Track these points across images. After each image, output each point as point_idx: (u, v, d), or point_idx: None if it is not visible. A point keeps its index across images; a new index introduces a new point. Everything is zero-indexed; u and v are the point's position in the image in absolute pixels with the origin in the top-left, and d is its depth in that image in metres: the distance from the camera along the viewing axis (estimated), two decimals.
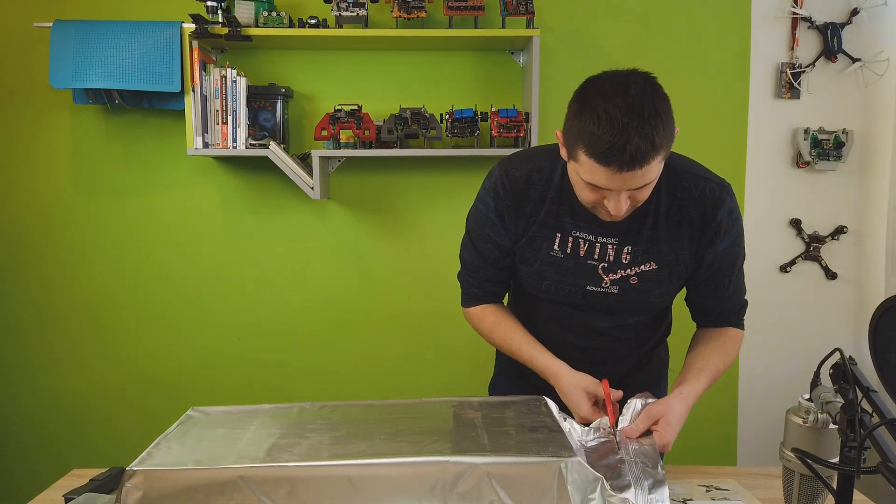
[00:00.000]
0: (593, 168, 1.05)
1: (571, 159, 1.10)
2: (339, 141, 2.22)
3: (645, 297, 1.25)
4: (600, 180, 1.06)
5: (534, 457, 0.89)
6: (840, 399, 0.96)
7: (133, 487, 0.84)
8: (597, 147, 1.02)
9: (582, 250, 1.23)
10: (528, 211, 1.24)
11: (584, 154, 1.05)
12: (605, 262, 1.23)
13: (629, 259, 1.22)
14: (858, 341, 2.51)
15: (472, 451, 0.90)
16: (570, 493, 0.87)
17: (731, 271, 1.31)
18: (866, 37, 2.39)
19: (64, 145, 2.36)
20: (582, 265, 1.24)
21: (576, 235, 1.23)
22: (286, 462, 0.86)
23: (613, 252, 1.22)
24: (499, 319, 1.35)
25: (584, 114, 1.05)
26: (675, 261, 1.24)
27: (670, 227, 1.22)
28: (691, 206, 1.21)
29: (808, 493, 1.03)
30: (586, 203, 1.15)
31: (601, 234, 1.22)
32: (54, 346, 2.42)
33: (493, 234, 1.28)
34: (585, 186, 1.10)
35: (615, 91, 1.04)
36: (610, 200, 1.09)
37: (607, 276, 1.23)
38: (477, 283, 1.36)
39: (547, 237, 1.24)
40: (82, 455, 2.44)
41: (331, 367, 2.46)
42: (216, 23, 2.12)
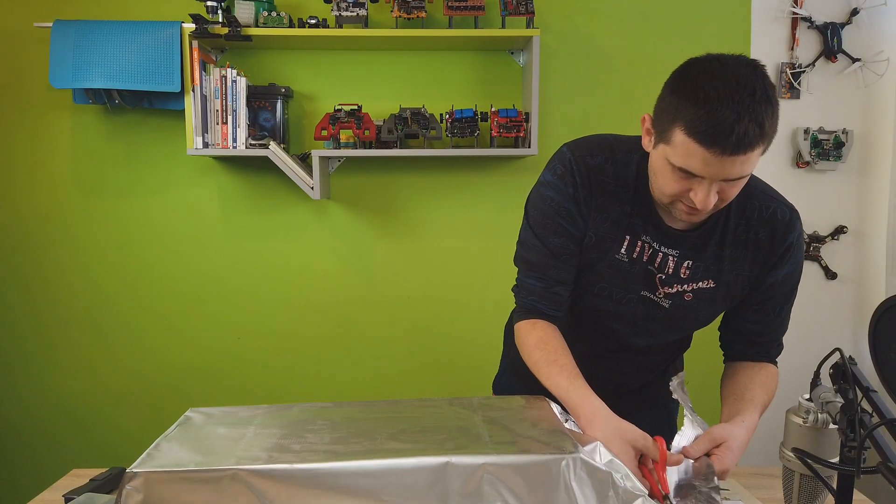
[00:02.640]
0: (690, 149, 0.95)
1: (662, 143, 1.01)
2: (339, 141, 2.22)
3: (694, 315, 1.19)
4: (695, 164, 0.96)
5: (536, 454, 0.89)
6: (840, 399, 0.96)
7: (133, 489, 0.84)
8: (700, 125, 0.93)
9: (646, 256, 1.15)
10: (600, 205, 1.13)
11: (682, 133, 0.96)
12: (664, 274, 1.15)
13: (688, 274, 1.15)
14: (858, 341, 2.51)
15: (474, 450, 0.90)
16: (575, 491, 0.87)
17: (787, 300, 1.23)
18: (866, 37, 2.39)
19: (64, 145, 2.36)
20: (644, 271, 1.15)
21: (644, 240, 1.14)
22: (287, 463, 0.86)
23: (673, 265, 1.15)
24: (548, 337, 1.16)
25: (686, 91, 0.96)
26: (734, 281, 1.17)
27: (736, 245, 1.15)
28: (761, 226, 1.15)
29: (808, 493, 1.03)
30: (667, 195, 1.04)
31: (665, 244, 1.14)
32: (54, 345, 2.42)
33: (568, 224, 1.14)
34: (673, 174, 1.01)
35: (724, 70, 0.95)
36: (698, 192, 0.99)
37: (663, 288, 1.16)
38: (541, 291, 1.18)
39: (617, 238, 1.14)
40: (82, 455, 2.44)
41: (331, 367, 2.46)
42: (216, 23, 2.12)
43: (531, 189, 1.22)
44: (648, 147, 1.08)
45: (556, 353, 1.13)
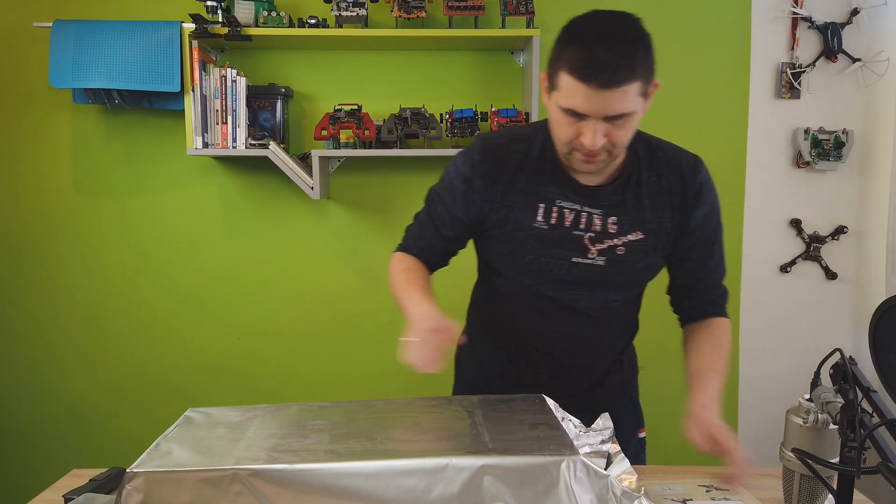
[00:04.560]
0: (571, 88, 1.05)
1: (553, 89, 1.10)
2: (339, 141, 2.22)
3: (631, 269, 1.23)
4: (578, 102, 1.05)
5: (536, 456, 0.89)
6: (840, 399, 0.96)
7: (133, 489, 0.84)
8: (576, 62, 1.03)
9: (568, 220, 1.20)
10: (505, 178, 1.22)
11: (565, 74, 1.05)
12: (592, 233, 1.20)
13: (616, 229, 1.21)
14: (858, 341, 2.51)
15: (474, 451, 0.90)
16: (575, 493, 0.87)
17: (714, 240, 1.29)
18: (866, 37, 2.39)
19: (64, 145, 2.36)
20: (567, 235, 1.20)
21: (560, 205, 1.21)
22: (287, 463, 0.86)
23: (600, 222, 1.20)
24: (415, 268, 1.29)
25: (567, 37, 1.07)
26: (659, 230, 1.23)
27: (652, 195, 1.22)
28: (670, 173, 1.23)
29: (808, 493, 1.03)
30: (563, 143, 1.13)
31: (587, 204, 1.20)
32: (54, 345, 2.42)
33: (450, 200, 1.26)
34: (564, 119, 1.09)
35: (600, 17, 1.07)
36: (586, 132, 1.08)
37: (594, 247, 1.21)
38: (415, 239, 1.34)
39: (529, 207, 1.21)
40: (82, 455, 2.44)
41: (331, 367, 2.46)
42: (216, 23, 2.12)
43: None
44: (548, 103, 1.15)
45: (416, 278, 1.26)
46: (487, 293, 1.38)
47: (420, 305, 1.18)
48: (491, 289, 1.35)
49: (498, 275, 1.30)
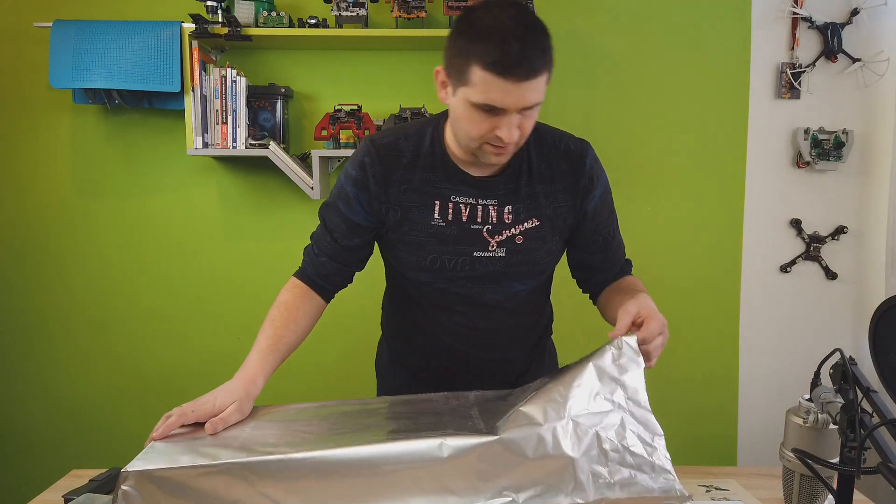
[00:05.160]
0: (489, 83, 1.02)
1: (461, 86, 1.07)
2: (339, 141, 2.22)
3: (532, 257, 1.23)
4: (495, 96, 1.03)
5: (528, 427, 0.90)
6: (840, 399, 0.96)
7: (128, 489, 0.83)
8: (492, 56, 1.01)
9: (464, 215, 1.20)
10: (398, 178, 1.20)
11: (478, 69, 1.03)
12: (489, 225, 1.20)
13: (511, 218, 1.21)
14: (858, 341, 2.51)
15: (469, 433, 0.90)
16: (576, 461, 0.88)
17: (612, 221, 1.32)
18: (866, 37, 2.39)
19: (64, 145, 2.36)
20: (466, 230, 1.20)
21: (455, 201, 1.19)
22: (283, 454, 0.86)
23: (496, 213, 1.20)
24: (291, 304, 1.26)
25: (473, 32, 1.04)
26: (555, 215, 1.23)
27: (544, 181, 1.22)
28: (559, 158, 1.24)
29: (808, 493, 1.03)
30: (474, 138, 1.10)
31: (480, 197, 1.20)
32: (54, 345, 2.42)
33: (344, 206, 1.23)
34: (477, 114, 1.07)
35: (499, 9, 1.04)
36: (503, 127, 1.07)
37: (493, 239, 1.20)
38: (313, 257, 1.28)
39: (425, 206, 1.20)
40: (82, 455, 2.44)
41: (331, 367, 2.46)
42: (216, 23, 2.12)
43: None
44: (446, 98, 1.13)
45: (282, 321, 1.24)
46: (397, 297, 1.37)
47: (236, 379, 1.15)
48: (400, 292, 1.34)
49: (404, 277, 1.28)
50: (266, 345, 1.20)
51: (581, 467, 0.89)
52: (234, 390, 1.10)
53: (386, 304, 1.46)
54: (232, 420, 1.03)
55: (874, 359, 1.00)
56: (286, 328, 1.23)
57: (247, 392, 1.11)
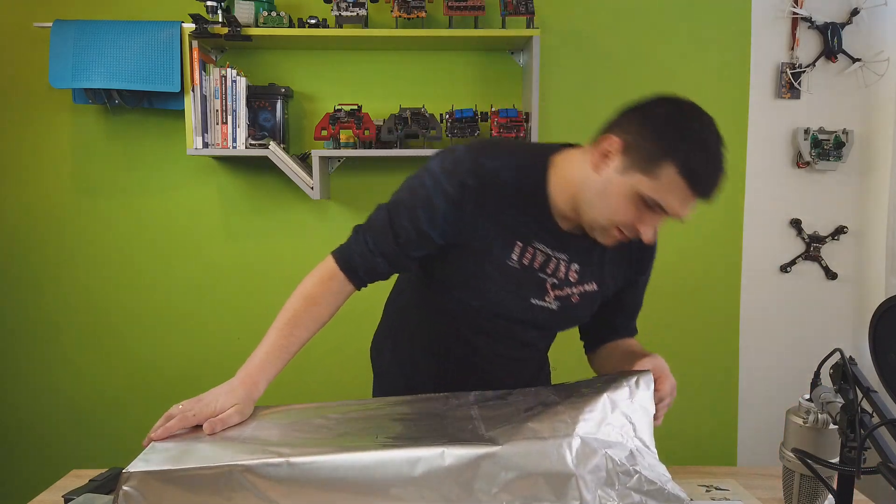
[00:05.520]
0: (676, 188, 1.00)
1: (639, 173, 1.01)
2: (339, 141, 2.22)
3: (577, 315, 1.23)
4: (673, 203, 1.01)
5: (534, 441, 0.89)
6: (840, 399, 0.96)
7: (129, 490, 0.83)
8: (694, 167, 0.99)
9: (537, 262, 1.16)
10: (492, 210, 1.12)
11: (673, 171, 0.99)
12: (555, 279, 1.17)
13: (576, 278, 1.18)
14: (858, 341, 2.51)
15: (471, 441, 0.90)
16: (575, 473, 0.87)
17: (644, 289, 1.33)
18: (866, 37, 2.39)
19: (64, 145, 2.36)
20: (533, 277, 1.16)
21: (535, 246, 1.15)
22: (284, 457, 0.86)
23: (564, 268, 1.17)
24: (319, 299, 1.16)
25: (681, 131, 1.02)
26: (612, 284, 1.23)
27: (614, 250, 1.20)
28: None
29: (808, 493, 1.03)
30: (614, 222, 1.06)
31: (557, 249, 1.16)
32: (54, 345, 2.42)
33: (425, 216, 1.11)
34: (633, 204, 1.03)
35: (706, 119, 1.05)
36: (647, 224, 1.05)
37: (553, 292, 1.18)
38: (365, 252, 1.16)
39: (508, 245, 1.14)
40: (82, 455, 2.44)
41: (330, 367, 2.46)
42: (216, 23, 2.12)
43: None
44: (604, 170, 1.06)
45: (301, 317, 1.15)
46: (424, 307, 1.30)
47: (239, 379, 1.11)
48: (430, 303, 1.28)
49: (446, 293, 1.23)
50: (277, 344, 1.14)
51: (587, 485, 0.87)
52: (236, 392, 1.07)
53: (402, 307, 1.40)
54: (231, 422, 1.02)
55: (874, 359, 1.00)
56: (304, 326, 1.15)
57: (248, 395, 1.08)
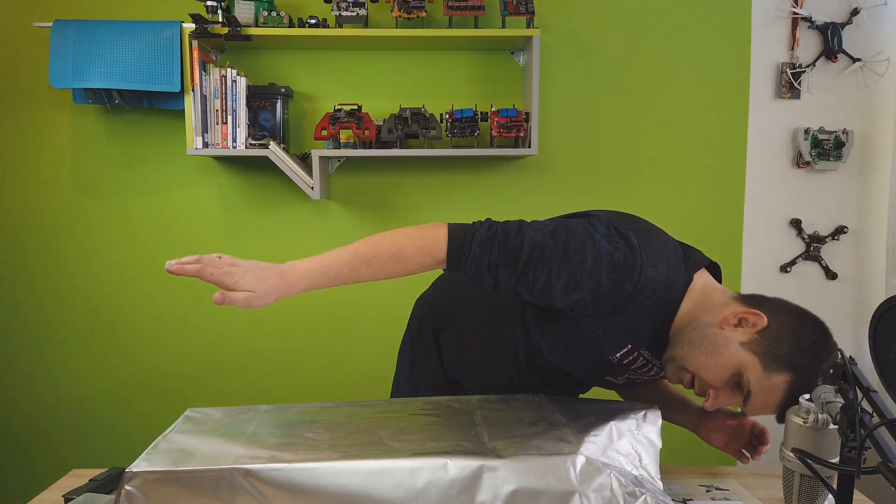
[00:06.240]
0: (774, 397, 1.01)
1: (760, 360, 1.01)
2: (339, 141, 2.22)
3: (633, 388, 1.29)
4: (760, 404, 1.02)
5: (536, 455, 0.88)
6: (840, 399, 0.96)
7: (132, 490, 0.84)
8: (797, 392, 1.01)
9: (636, 365, 1.14)
10: (628, 312, 1.05)
11: (784, 384, 1.01)
12: (640, 376, 1.19)
13: (653, 374, 1.20)
14: (858, 341, 2.51)
15: (473, 451, 0.89)
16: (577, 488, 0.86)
17: None
18: (866, 37, 2.39)
19: (64, 145, 2.36)
20: (623, 368, 1.15)
21: (642, 353, 1.12)
22: (286, 462, 0.86)
23: (654, 373, 1.18)
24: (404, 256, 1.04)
25: (815, 364, 1.02)
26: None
27: None
28: None
29: (808, 493, 1.03)
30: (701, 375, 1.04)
31: (658, 356, 1.13)
32: (54, 345, 2.42)
33: (563, 284, 1.02)
34: (730, 377, 1.02)
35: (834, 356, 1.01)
36: (720, 399, 1.04)
37: (626, 376, 1.18)
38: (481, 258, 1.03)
39: (620, 343, 1.09)
40: (82, 455, 2.44)
41: (331, 368, 2.46)
42: (216, 23, 2.12)
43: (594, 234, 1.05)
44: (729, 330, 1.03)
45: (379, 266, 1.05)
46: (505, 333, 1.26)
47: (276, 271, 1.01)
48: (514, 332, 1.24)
49: (533, 332, 1.20)
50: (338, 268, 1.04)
51: (590, 503, 0.87)
52: (264, 281, 0.98)
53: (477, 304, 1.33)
54: (237, 305, 0.96)
55: (874, 359, 1.00)
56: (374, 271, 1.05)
57: (274, 289, 0.99)
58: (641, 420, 1.03)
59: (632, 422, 1.02)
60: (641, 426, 1.02)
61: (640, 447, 0.99)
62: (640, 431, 1.01)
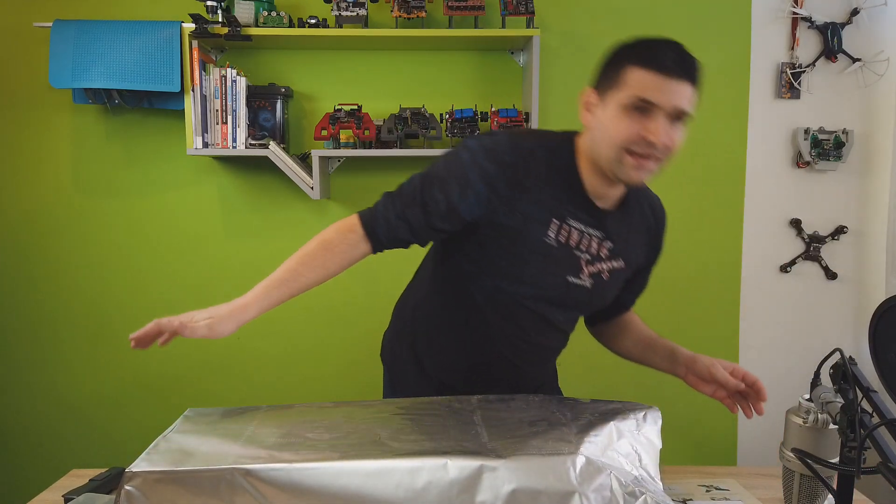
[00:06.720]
0: (643, 79, 1.06)
1: (611, 91, 1.10)
2: (339, 141, 2.22)
3: (606, 294, 1.27)
4: (650, 92, 1.06)
5: (536, 455, 0.88)
6: (840, 399, 0.96)
7: (132, 490, 0.83)
8: (648, 55, 1.07)
9: (573, 240, 1.18)
10: (531, 186, 1.14)
11: (634, 69, 1.07)
12: (588, 255, 1.20)
13: (607, 255, 1.22)
14: (858, 341, 2.51)
15: (472, 451, 0.89)
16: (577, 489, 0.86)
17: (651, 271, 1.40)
18: (866, 37, 2.39)
19: (64, 145, 2.36)
20: (570, 255, 1.19)
21: (571, 224, 1.17)
22: (286, 462, 0.86)
23: (596, 245, 1.21)
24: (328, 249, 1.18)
25: (630, 45, 1.11)
26: (633, 262, 1.28)
27: (638, 230, 1.27)
28: (650, 211, 1.30)
29: (808, 493, 1.03)
30: (620, 143, 1.09)
31: (591, 226, 1.19)
32: (54, 345, 2.42)
33: (457, 189, 1.13)
34: (627, 117, 1.08)
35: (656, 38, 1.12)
36: (653, 126, 1.07)
37: (587, 269, 1.21)
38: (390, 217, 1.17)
39: (544, 222, 1.16)
40: (82, 455, 2.44)
41: (331, 368, 2.46)
42: (216, 22, 2.12)
43: None
44: (590, 119, 1.16)
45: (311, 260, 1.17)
46: (455, 297, 1.28)
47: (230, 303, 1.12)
48: (460, 294, 1.26)
49: (475, 283, 1.23)
50: (280, 277, 1.15)
51: (590, 503, 0.86)
52: (220, 309, 1.09)
53: (420, 300, 1.38)
54: (197, 333, 1.04)
55: (874, 359, 1.00)
56: (311, 268, 1.17)
57: (230, 314, 1.08)
58: (641, 420, 1.03)
59: (632, 422, 1.02)
60: (641, 426, 1.02)
61: (640, 447, 0.99)
62: (640, 431, 1.01)
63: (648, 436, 1.01)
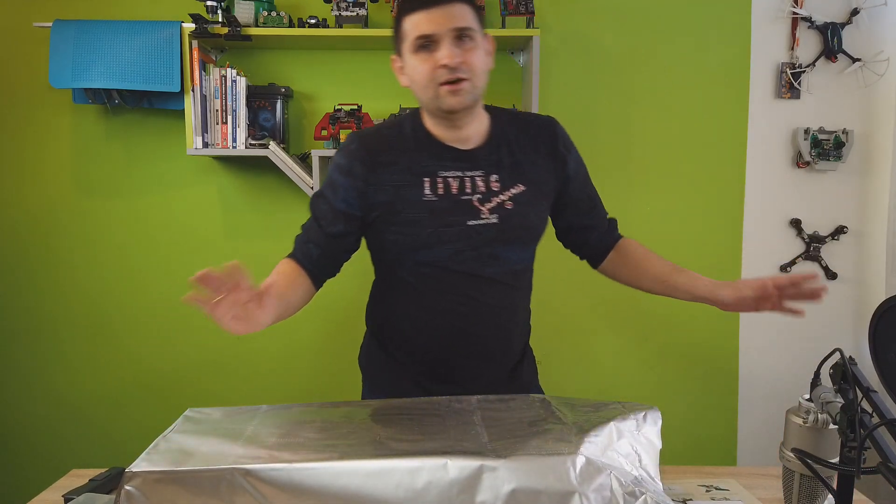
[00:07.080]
0: (413, 22, 1.20)
1: (402, 45, 1.24)
2: (339, 141, 2.22)
3: (523, 221, 1.30)
4: (424, 27, 1.18)
5: (535, 455, 0.88)
6: (840, 399, 0.96)
7: (132, 490, 0.83)
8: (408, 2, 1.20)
9: (454, 188, 1.27)
10: (385, 160, 1.27)
11: (405, 19, 1.21)
12: (479, 194, 1.27)
13: (499, 186, 1.28)
14: (858, 341, 2.51)
15: (473, 451, 0.89)
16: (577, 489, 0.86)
17: (589, 180, 1.45)
18: (866, 37, 2.39)
19: (64, 145, 2.36)
20: (457, 202, 1.26)
21: (444, 175, 1.27)
22: (286, 462, 0.86)
23: (483, 183, 1.28)
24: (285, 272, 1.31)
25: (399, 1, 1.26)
26: (539, 180, 1.33)
27: (524, 150, 1.33)
28: (534, 129, 1.36)
29: (808, 493, 1.03)
30: (428, 83, 1.21)
31: (467, 169, 1.28)
32: (54, 345, 2.42)
33: (330, 194, 1.29)
34: (420, 61, 1.21)
35: None
36: (441, 52, 1.19)
37: (484, 207, 1.27)
38: (301, 242, 1.34)
39: (415, 184, 1.26)
40: (82, 455, 2.44)
41: (331, 367, 2.46)
42: (216, 22, 2.12)
43: None
44: (404, 78, 1.28)
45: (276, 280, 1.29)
46: (391, 288, 1.40)
47: None
48: (394, 282, 1.37)
49: (400, 266, 1.32)
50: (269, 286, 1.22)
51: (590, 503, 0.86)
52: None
53: (376, 300, 1.49)
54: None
55: (874, 359, 1.00)
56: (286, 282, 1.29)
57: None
58: (641, 420, 1.03)
59: (632, 422, 1.02)
60: (641, 426, 1.02)
61: (639, 447, 0.99)
62: (640, 432, 1.01)
63: (648, 436, 1.01)
